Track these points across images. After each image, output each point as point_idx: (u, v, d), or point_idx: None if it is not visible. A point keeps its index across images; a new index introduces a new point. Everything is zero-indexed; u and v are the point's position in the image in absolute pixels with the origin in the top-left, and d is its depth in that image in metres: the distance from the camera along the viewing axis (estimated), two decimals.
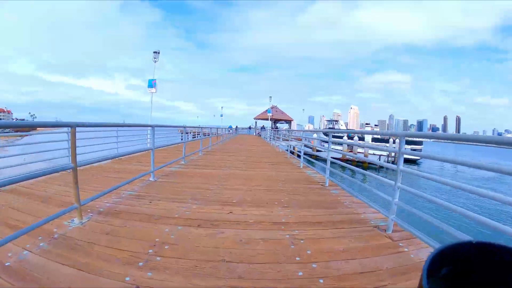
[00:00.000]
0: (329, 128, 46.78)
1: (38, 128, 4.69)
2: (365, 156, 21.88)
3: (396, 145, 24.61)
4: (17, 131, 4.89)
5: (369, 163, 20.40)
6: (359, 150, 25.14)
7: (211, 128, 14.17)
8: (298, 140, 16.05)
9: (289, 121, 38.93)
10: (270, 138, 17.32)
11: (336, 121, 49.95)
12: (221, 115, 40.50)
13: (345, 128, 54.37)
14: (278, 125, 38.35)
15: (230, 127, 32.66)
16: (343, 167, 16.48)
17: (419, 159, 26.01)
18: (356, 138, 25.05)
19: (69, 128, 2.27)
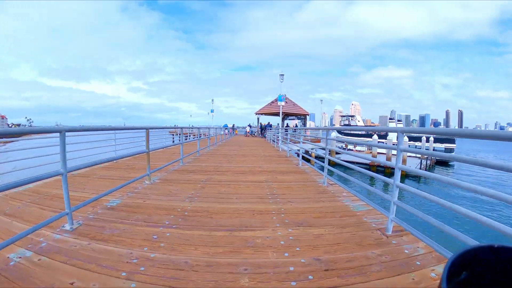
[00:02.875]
0: (345, 124, 41.17)
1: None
2: (388, 159, 17.22)
3: (429, 145, 22.77)
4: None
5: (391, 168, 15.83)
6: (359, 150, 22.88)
7: (195, 128, 12.53)
8: (314, 142, 12.87)
9: (303, 116, 28.25)
10: (276, 141, 12.79)
11: (352, 116, 42.58)
12: (212, 111, 31.05)
13: (363, 124, 46.71)
14: (287, 121, 28.13)
15: (226, 126, 25.85)
16: (371, 179, 14.27)
17: (451, 161, 22.71)
18: (375, 137, 22.15)
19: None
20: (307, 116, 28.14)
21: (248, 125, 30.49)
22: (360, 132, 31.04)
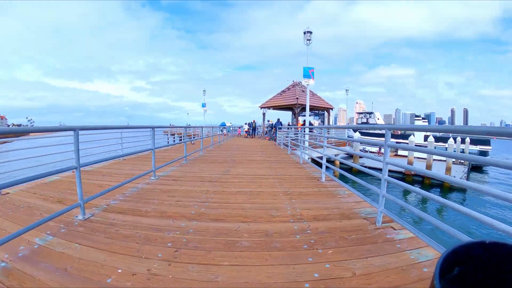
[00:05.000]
0: (362, 123, 36.92)
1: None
2: (428, 167, 14.32)
3: (465, 146, 19.99)
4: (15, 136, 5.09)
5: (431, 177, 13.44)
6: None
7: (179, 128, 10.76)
8: (339, 145, 10.94)
9: (322, 111, 21.53)
10: (287, 145, 9.49)
11: (371, 113, 37.27)
12: (203, 105, 26.57)
13: (383, 122, 41.36)
14: (301, 118, 19.72)
15: (223, 125, 23.12)
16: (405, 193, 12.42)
17: (484, 166, 19.76)
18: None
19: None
20: (330, 110, 20.48)
21: (246, 123, 22.96)
22: (380, 132, 27.30)
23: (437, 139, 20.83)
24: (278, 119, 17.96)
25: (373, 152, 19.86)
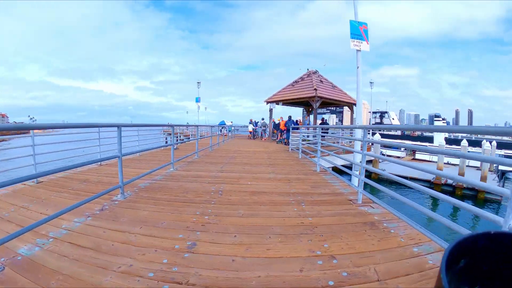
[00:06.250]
0: (376, 123, 35.40)
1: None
2: (461, 173, 12.82)
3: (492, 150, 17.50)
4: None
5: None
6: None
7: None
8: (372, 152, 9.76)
9: (340, 108, 19.21)
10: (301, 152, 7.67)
11: (385, 112, 35.51)
12: (197, 100, 22.97)
13: (398, 122, 39.28)
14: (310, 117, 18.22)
15: (222, 124, 20.77)
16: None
17: None
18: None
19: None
20: (353, 106, 15.41)
21: (251, 122, 19.38)
22: (395, 133, 25.70)
23: (450, 142, 19.37)
24: (290, 117, 13.83)
25: (394, 156, 17.65)
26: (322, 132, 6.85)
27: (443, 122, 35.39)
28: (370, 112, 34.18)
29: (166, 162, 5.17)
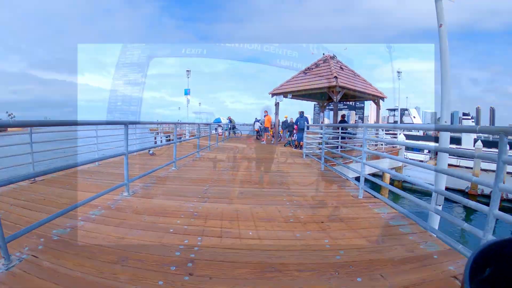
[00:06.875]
0: (395, 122, 30.73)
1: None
2: (476, 174, 11.61)
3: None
4: None
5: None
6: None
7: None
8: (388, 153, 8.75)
9: (362, 102, 16.36)
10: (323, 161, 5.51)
11: (405, 109, 32.42)
12: (186, 91, 17.98)
13: (420, 121, 35.72)
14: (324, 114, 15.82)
15: (218, 121, 17.29)
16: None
17: None
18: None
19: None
20: (381, 100, 12.47)
21: (257, 120, 15.89)
22: (417, 133, 23.10)
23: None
24: (302, 113, 10.99)
25: (418, 160, 15.35)
26: (343, 133, 5.98)
27: (472, 122, 33.05)
28: (388, 109, 29.77)
29: (120, 182, 3.22)
